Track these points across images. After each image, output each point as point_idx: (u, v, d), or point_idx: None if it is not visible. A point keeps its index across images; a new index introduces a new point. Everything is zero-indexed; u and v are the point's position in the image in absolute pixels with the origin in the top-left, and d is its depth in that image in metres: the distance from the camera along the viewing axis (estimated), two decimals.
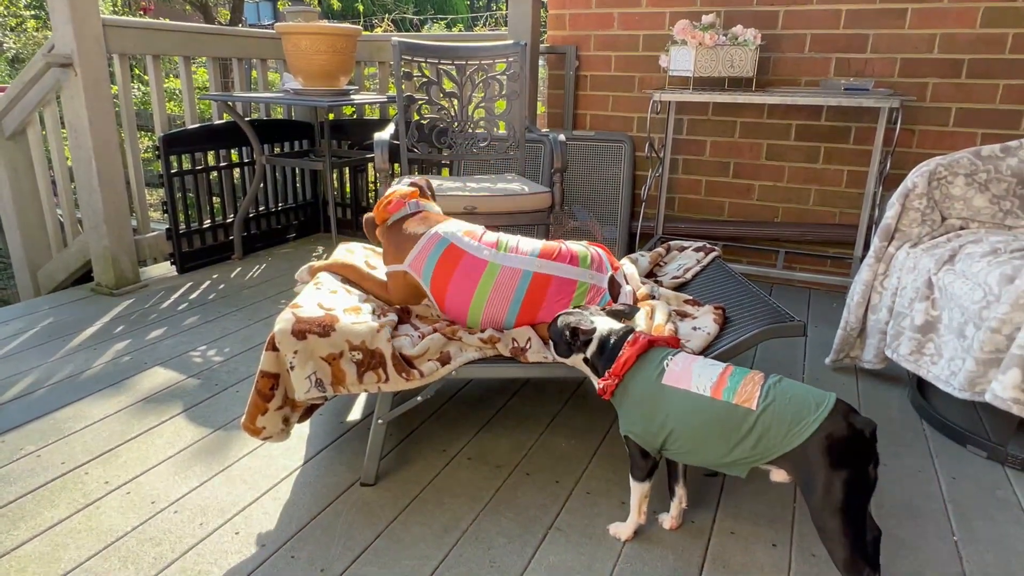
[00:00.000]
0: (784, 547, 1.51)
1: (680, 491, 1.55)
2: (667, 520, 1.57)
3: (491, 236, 1.83)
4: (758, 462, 1.32)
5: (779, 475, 1.34)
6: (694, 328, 1.74)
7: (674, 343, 1.51)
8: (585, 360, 1.51)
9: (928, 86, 2.92)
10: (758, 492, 1.69)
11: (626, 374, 1.43)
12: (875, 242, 2.22)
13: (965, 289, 1.83)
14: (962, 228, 2.21)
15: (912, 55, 2.92)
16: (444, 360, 1.64)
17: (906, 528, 1.58)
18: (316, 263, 1.98)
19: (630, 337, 1.46)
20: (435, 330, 1.74)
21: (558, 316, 1.55)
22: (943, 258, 1.99)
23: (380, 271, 2.09)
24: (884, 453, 1.88)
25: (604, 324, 1.51)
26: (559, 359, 1.58)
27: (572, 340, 1.50)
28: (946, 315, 1.92)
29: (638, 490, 1.49)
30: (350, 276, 1.93)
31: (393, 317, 1.76)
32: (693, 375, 1.37)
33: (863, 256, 2.85)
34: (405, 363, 1.61)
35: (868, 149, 3.04)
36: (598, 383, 1.48)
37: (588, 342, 1.49)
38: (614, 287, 1.78)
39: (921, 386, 2.18)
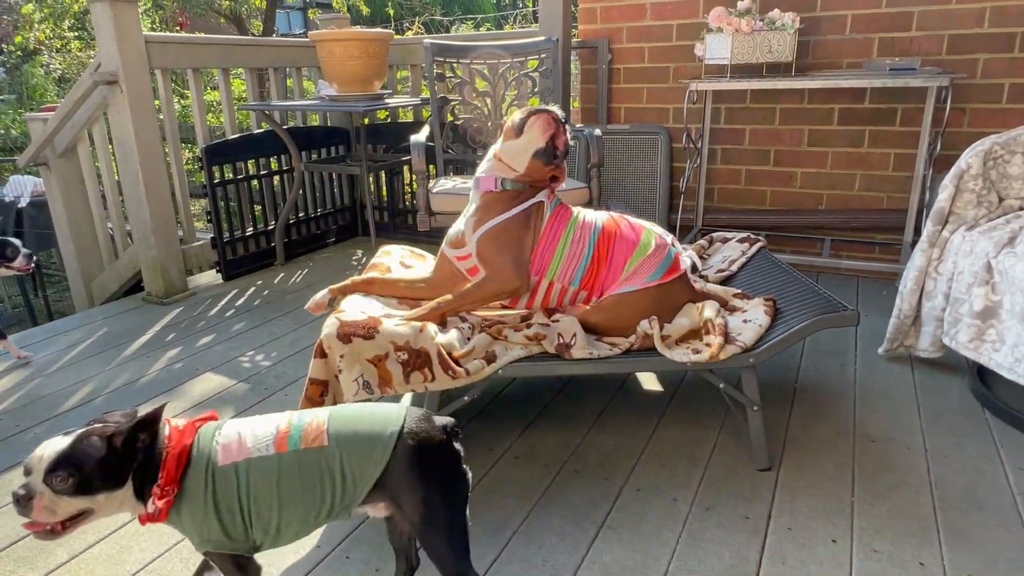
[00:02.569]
0: (844, 542, 1.47)
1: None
2: None
3: None
4: (356, 500, 1.15)
5: (378, 510, 1.19)
6: (744, 321, 1.71)
7: (215, 416, 1.22)
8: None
9: (979, 62, 2.81)
10: (813, 486, 1.65)
11: (181, 478, 1.11)
12: (928, 226, 2.14)
13: None
14: (1021, 209, 2.12)
15: (960, 31, 2.81)
16: (489, 359, 1.64)
17: (972, 520, 1.52)
18: (336, 285, 1.86)
19: (167, 431, 1.13)
20: (484, 324, 1.74)
21: (73, 440, 1.06)
22: (1002, 240, 1.91)
23: (417, 269, 2.09)
24: (946, 444, 1.81)
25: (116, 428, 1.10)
26: (604, 355, 1.55)
27: (120, 460, 1.07)
28: (1008, 299, 1.84)
29: None
30: (376, 291, 1.83)
31: None
32: (249, 441, 1.15)
33: (914, 241, 2.76)
34: (451, 360, 1.61)
35: (916, 131, 2.94)
36: (146, 509, 1.10)
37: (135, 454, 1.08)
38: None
39: (982, 374, 2.10)
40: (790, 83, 2.77)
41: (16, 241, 2.53)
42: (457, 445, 1.17)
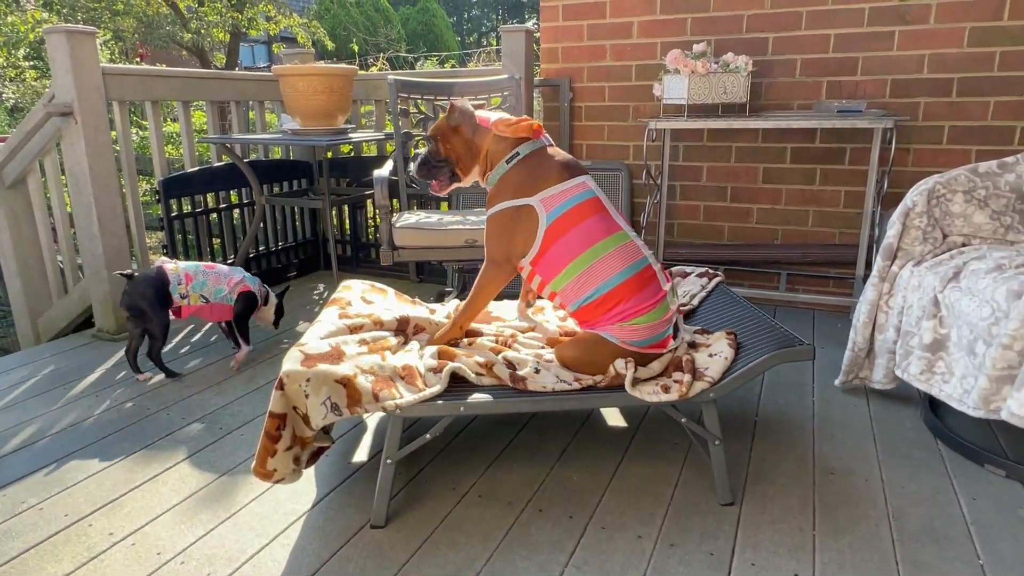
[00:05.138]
0: None
1: None
2: None
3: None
4: None
5: None
6: (710, 355, 1.73)
7: None
8: None
9: (920, 105, 2.95)
10: (776, 521, 1.66)
11: None
12: (878, 262, 2.21)
13: (972, 306, 1.82)
14: (964, 245, 2.21)
15: (902, 75, 2.95)
16: (440, 367, 1.68)
17: (929, 552, 1.54)
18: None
19: None
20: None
21: None
22: (947, 275, 1.98)
23: (378, 304, 2.08)
24: (902, 475, 1.85)
25: None
26: (563, 389, 1.56)
27: None
28: (955, 333, 1.90)
29: None
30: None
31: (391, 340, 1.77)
32: None
33: (865, 275, 2.85)
34: (417, 375, 1.63)
35: (864, 169, 3.06)
36: None
37: None
38: None
39: (933, 405, 2.16)
40: (744, 123, 2.87)
41: (270, 291, 2.64)
42: None
